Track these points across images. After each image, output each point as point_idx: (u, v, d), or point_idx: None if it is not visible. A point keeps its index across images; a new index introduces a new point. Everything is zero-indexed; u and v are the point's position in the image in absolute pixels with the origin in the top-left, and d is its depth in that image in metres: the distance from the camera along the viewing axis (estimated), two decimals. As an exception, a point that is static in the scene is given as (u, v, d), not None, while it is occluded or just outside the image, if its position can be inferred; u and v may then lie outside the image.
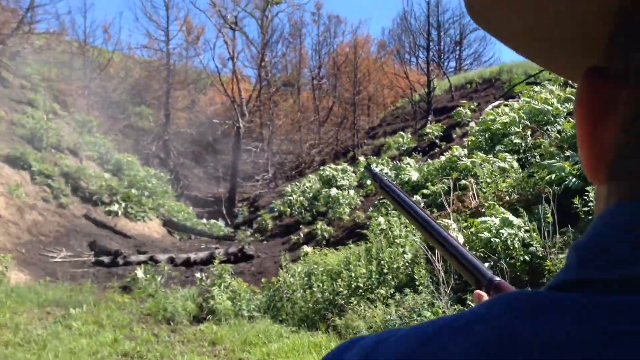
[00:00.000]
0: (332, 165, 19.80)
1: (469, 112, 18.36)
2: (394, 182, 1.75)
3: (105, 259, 12.06)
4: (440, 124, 19.63)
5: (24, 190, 13.98)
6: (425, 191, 10.05)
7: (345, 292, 7.82)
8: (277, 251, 14.58)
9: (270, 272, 12.31)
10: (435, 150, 15.95)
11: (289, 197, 19.46)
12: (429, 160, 12.02)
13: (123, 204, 16.99)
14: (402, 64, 30.01)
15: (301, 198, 18.56)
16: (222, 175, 31.46)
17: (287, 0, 33.18)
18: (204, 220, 21.47)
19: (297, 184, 21.48)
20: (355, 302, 7.54)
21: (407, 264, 7.88)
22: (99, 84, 30.73)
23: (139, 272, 9.90)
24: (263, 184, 29.62)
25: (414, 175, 10.86)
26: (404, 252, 7.96)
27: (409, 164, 12.10)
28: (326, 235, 12.48)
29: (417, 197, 9.75)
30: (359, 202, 14.08)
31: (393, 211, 9.57)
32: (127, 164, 19.70)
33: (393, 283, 7.78)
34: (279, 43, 35.42)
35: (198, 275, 10.13)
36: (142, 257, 12.08)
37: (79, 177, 16.31)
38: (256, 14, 32.38)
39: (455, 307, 6.65)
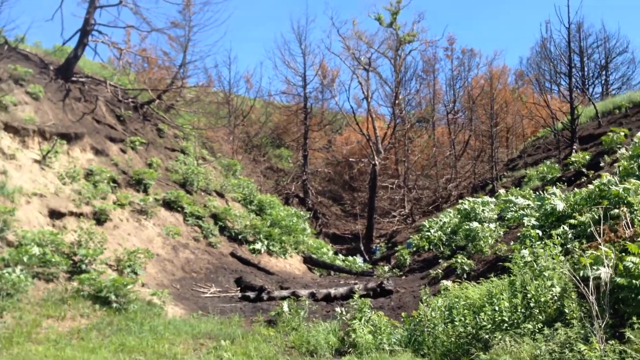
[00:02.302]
0: (471, 199, 19.34)
1: (619, 138, 17.23)
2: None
3: (251, 294, 12.59)
4: (586, 152, 18.57)
5: (178, 230, 15.07)
6: (572, 221, 9.52)
7: (489, 326, 7.57)
8: (415, 286, 14.42)
9: (410, 306, 12.18)
10: (582, 180, 15.08)
11: (427, 232, 19.24)
12: (576, 190, 11.38)
13: (266, 242, 17.72)
14: (542, 92, 28.91)
15: (439, 233, 18.28)
16: (359, 212, 31.81)
17: (419, 38, 33.40)
18: (342, 257, 21.75)
19: (435, 218, 21.20)
20: (499, 336, 7.26)
21: (555, 297, 7.49)
22: (242, 130, 32.60)
23: (285, 306, 10.23)
24: (400, 220, 29.51)
25: (560, 205, 10.33)
26: (551, 285, 7.58)
27: (553, 193, 11.54)
28: (466, 268, 12.18)
29: (564, 228, 9.26)
30: (500, 235, 13.61)
31: (537, 242, 9.16)
32: (269, 203, 20.53)
33: (541, 317, 7.41)
34: (412, 80, 35.64)
35: (338, 309, 10.28)
36: (284, 293, 12.48)
37: (225, 218, 17.28)
38: (389, 54, 32.90)
39: (612, 342, 6.20)
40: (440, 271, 13.89)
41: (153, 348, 8.20)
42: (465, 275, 12.00)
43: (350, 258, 21.80)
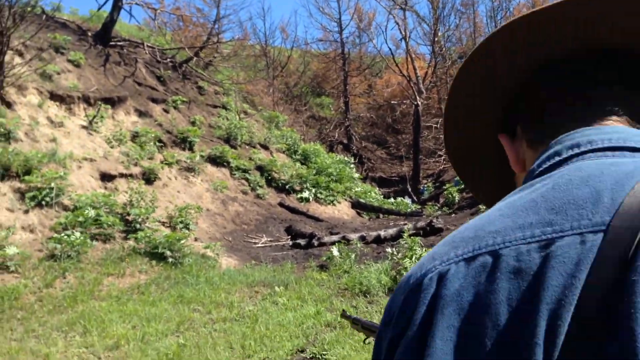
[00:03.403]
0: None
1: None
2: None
3: (302, 242, 12.77)
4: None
5: (226, 184, 15.32)
6: None
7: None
8: (466, 221, 14.32)
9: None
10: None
11: (475, 169, 18.92)
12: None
13: (313, 190, 17.85)
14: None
15: (487, 168, 17.97)
16: (405, 154, 31.56)
17: (455, -30, 32.23)
18: (391, 200, 21.75)
19: (482, 154, 20.85)
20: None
21: None
22: (281, 81, 32.49)
23: (334, 251, 10.36)
24: (446, 159, 29.18)
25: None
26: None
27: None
28: (516, 201, 11.99)
29: None
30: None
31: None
32: (314, 152, 20.58)
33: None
34: (451, 15, 34.51)
35: (389, 250, 10.32)
36: (335, 238, 12.60)
37: (271, 169, 17.44)
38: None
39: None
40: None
41: (210, 298, 8.47)
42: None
43: (399, 200, 21.77)
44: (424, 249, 9.93)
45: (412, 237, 10.31)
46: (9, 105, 12.20)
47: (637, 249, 0.57)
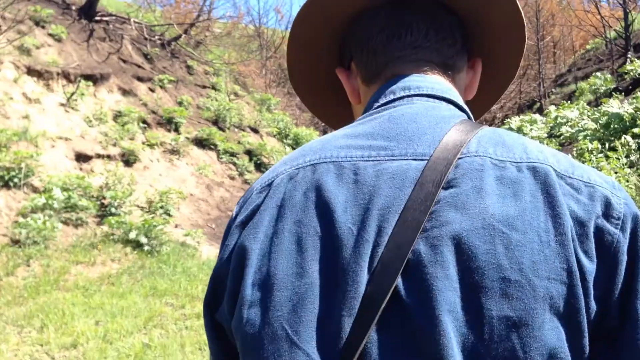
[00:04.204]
0: (517, 118, 18.24)
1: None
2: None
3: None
4: (643, 60, 17.10)
5: (212, 169, 14.61)
6: (636, 130, 8.56)
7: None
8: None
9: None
10: (642, 87, 13.85)
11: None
12: (637, 95, 10.27)
13: (304, 176, 17.11)
14: (590, 1, 26.82)
15: (485, 156, 17.36)
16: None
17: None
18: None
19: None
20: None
21: None
22: (275, 63, 31.63)
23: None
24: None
25: (619, 115, 9.35)
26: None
27: (610, 105, 10.47)
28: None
29: (625, 138, 8.31)
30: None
31: (599, 155, 8.28)
32: (306, 137, 19.85)
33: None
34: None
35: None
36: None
37: (260, 153, 16.73)
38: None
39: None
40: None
41: (186, 290, 7.83)
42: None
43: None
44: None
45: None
46: (-20, 79, 11.45)
47: (449, 174, 0.73)
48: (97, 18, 17.09)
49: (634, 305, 0.69)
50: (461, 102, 0.92)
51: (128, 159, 12.28)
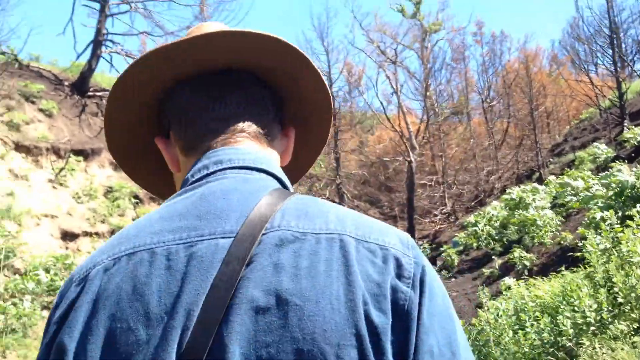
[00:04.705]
0: (518, 188, 17.88)
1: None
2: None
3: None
4: (640, 128, 16.94)
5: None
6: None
7: (571, 330, 6.22)
8: (468, 288, 13.09)
9: (466, 312, 10.88)
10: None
11: (474, 228, 17.84)
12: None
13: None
14: (582, 69, 27.12)
15: (487, 227, 16.87)
16: (399, 213, 30.39)
17: (445, 27, 31.96)
18: (385, 261, 20.38)
19: (481, 212, 19.77)
20: (586, 342, 5.93)
21: (650, 290, 6.12)
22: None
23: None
24: (442, 219, 28.03)
25: (631, 181, 8.94)
26: (644, 275, 6.20)
27: (619, 170, 10.10)
28: (527, 264, 10.77)
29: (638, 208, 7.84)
30: (558, 223, 12.15)
31: (616, 225, 7.78)
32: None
33: (634, 316, 6.06)
34: (442, 70, 33.96)
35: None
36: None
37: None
38: (415, 46, 31.52)
39: None
40: (495, 269, 12.51)
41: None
42: (526, 272, 10.61)
43: (392, 262, 20.44)
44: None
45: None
46: (-35, 156, 11.04)
47: (257, 250, 0.77)
48: (90, 93, 16.96)
49: (423, 355, 0.75)
50: (274, 169, 0.96)
51: (117, 236, 11.71)
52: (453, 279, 15.49)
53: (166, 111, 1.04)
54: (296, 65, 1.04)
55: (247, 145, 0.98)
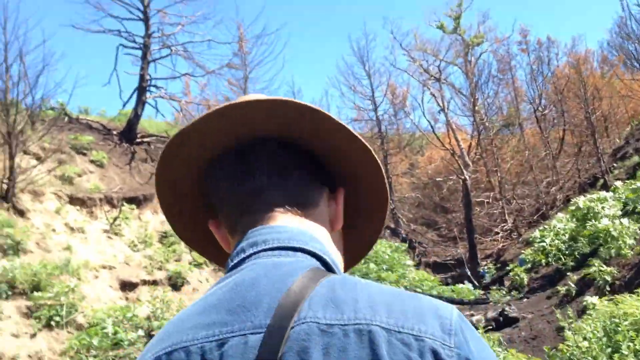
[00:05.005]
0: (583, 197, 16.98)
1: None
2: None
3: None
4: None
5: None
6: None
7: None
8: (544, 308, 12.30)
9: (546, 335, 10.15)
10: None
11: (541, 244, 16.99)
12: None
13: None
14: (634, 70, 26.01)
15: (556, 242, 16.02)
16: (458, 234, 29.51)
17: (488, 39, 31.31)
18: (450, 286, 19.69)
19: (546, 226, 18.88)
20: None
21: None
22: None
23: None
24: (504, 236, 27.03)
25: None
26: None
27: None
28: (608, 278, 9.98)
29: None
30: (637, 231, 11.30)
31: None
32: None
33: None
34: (488, 82, 33.06)
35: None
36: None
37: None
38: (459, 61, 30.96)
39: None
40: (571, 286, 11.71)
41: None
42: (607, 287, 9.83)
43: (458, 286, 19.71)
44: (505, 350, 8.07)
45: (487, 333, 8.44)
46: (21, 213, 11.09)
47: (286, 348, 0.74)
48: (138, 140, 17.10)
49: None
50: (312, 245, 0.90)
51: (175, 282, 11.54)
52: (525, 300, 14.68)
53: (208, 189, 1.03)
54: (339, 137, 0.99)
55: (284, 221, 0.94)
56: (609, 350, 6.45)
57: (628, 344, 6.07)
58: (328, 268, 0.87)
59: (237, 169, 0.97)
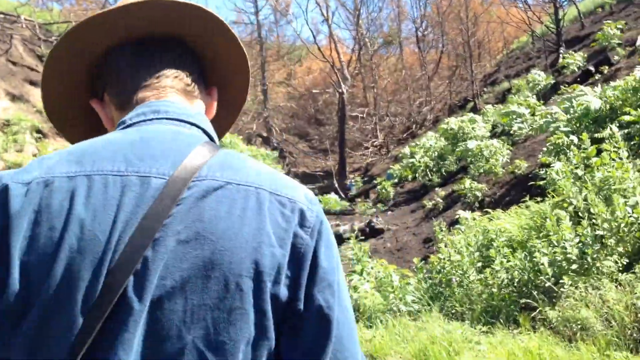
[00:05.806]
0: (454, 119, 17.16)
1: (617, 33, 15.06)
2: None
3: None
4: (577, 54, 16.39)
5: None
6: (626, 118, 7.37)
7: (549, 269, 5.39)
8: (410, 221, 12.35)
9: (412, 247, 10.09)
10: (597, 77, 12.90)
11: (411, 160, 17.14)
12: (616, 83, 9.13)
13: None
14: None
15: (425, 159, 16.18)
16: (329, 147, 29.46)
17: (378, -50, 30.36)
18: (317, 196, 19.55)
19: (417, 143, 19.07)
20: (568, 281, 5.11)
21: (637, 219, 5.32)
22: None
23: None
24: (373, 151, 27.32)
25: (596, 103, 8.17)
26: (631, 204, 5.39)
27: (581, 91, 9.31)
28: (479, 194, 9.98)
29: (611, 129, 7.05)
30: (506, 153, 11.38)
31: (583, 151, 6.99)
32: (231, 144, 18.37)
33: (621, 250, 5.27)
34: (374, -2, 32.33)
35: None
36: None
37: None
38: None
39: None
40: (439, 200, 11.73)
41: None
42: (478, 204, 9.84)
43: (325, 197, 19.62)
44: (373, 259, 7.79)
45: (358, 243, 8.09)
46: None
47: (186, 194, 0.86)
48: None
49: (314, 292, 0.89)
50: (204, 124, 1.05)
51: (14, 174, 10.10)
52: (390, 212, 14.75)
53: (101, 75, 1.10)
54: (214, 31, 1.12)
55: (177, 99, 1.06)
56: (480, 264, 6.27)
57: (501, 260, 5.87)
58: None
59: (138, 57, 1.07)
